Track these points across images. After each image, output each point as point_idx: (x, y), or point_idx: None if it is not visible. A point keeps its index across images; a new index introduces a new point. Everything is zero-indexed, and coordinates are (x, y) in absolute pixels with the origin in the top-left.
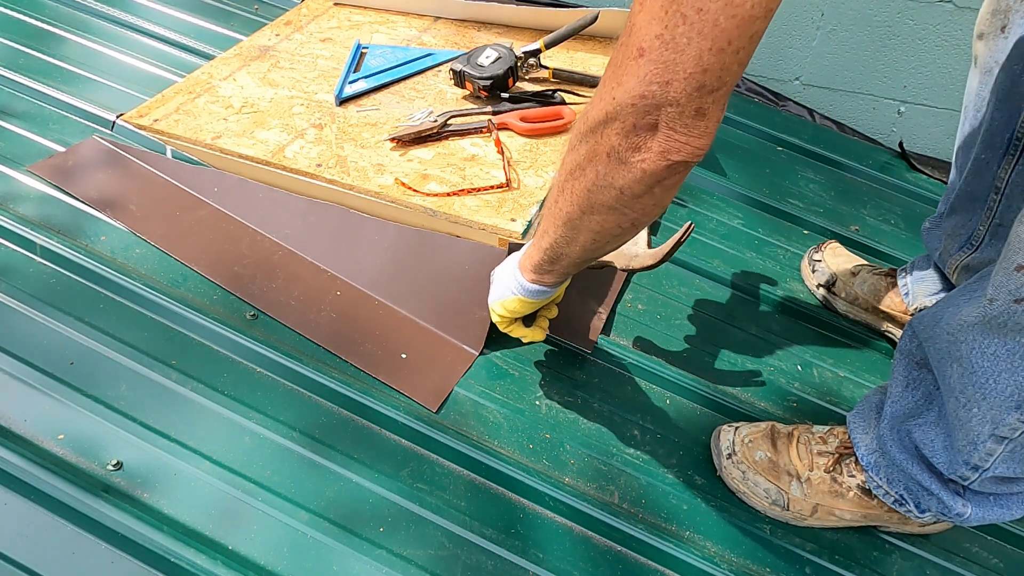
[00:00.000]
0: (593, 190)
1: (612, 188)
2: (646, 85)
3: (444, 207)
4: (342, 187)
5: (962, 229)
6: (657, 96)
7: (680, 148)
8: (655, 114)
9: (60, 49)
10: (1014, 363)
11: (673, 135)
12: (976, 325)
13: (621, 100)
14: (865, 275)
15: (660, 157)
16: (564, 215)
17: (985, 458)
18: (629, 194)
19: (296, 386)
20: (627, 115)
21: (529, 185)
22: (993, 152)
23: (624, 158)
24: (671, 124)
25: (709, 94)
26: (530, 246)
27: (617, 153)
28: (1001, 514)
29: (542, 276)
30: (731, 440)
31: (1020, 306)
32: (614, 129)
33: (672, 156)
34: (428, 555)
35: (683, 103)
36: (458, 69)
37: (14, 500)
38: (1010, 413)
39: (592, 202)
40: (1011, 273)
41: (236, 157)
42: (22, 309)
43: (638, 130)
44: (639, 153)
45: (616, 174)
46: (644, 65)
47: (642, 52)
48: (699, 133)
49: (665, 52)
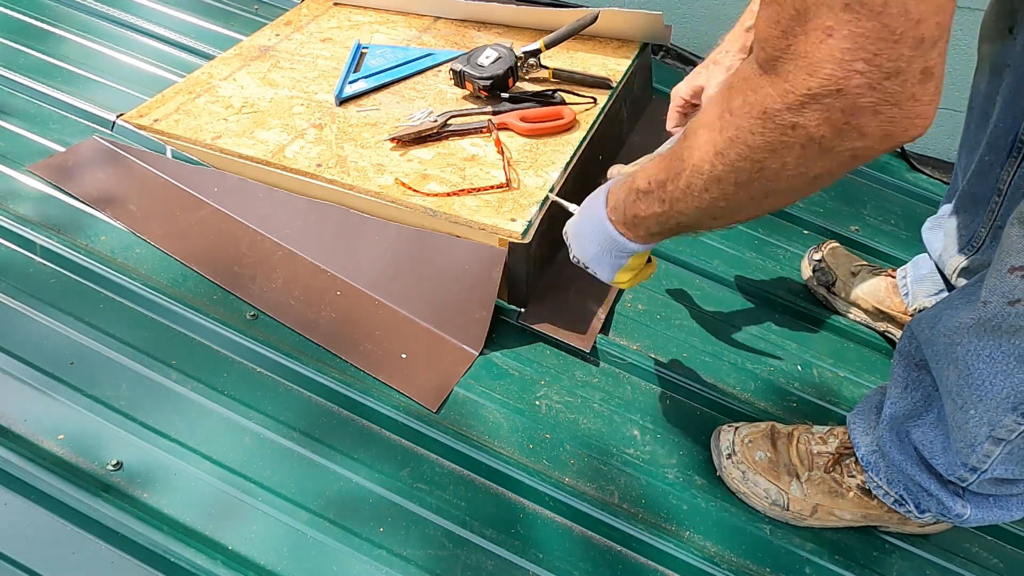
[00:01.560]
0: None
1: (804, 176)
2: (849, 65)
3: (444, 207)
4: (342, 187)
5: (963, 231)
6: (869, 73)
7: (907, 126)
8: (871, 94)
9: (60, 49)
10: (1009, 365)
11: (898, 113)
12: (972, 327)
13: (820, 88)
14: (865, 275)
15: (881, 141)
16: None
17: (983, 460)
18: (826, 177)
19: (296, 386)
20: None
21: (529, 185)
22: (997, 154)
23: (829, 147)
24: (894, 99)
25: (932, 47)
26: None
27: (819, 143)
28: (1001, 515)
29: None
30: (731, 440)
31: (1014, 308)
32: (813, 120)
33: (897, 138)
34: (428, 555)
35: (905, 69)
36: (458, 69)
37: (14, 500)
38: (1007, 415)
39: (770, 189)
40: (1004, 275)
41: (236, 157)
42: (22, 309)
43: (850, 115)
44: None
45: (813, 163)
46: (838, 45)
47: (830, 31)
48: (928, 100)
49: (861, 23)
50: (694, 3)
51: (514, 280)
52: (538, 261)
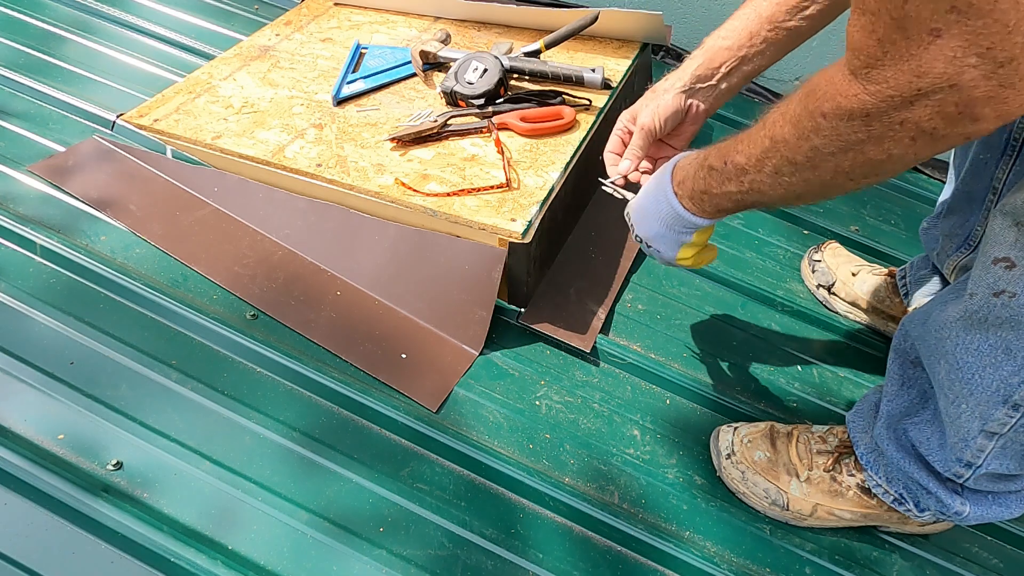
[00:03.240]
0: (879, 166)
1: (913, 160)
2: (961, 62)
3: (444, 207)
4: (342, 187)
5: (959, 229)
6: (982, 67)
7: (1021, 102)
8: (985, 85)
9: (60, 49)
10: (997, 358)
11: (1011, 93)
12: (959, 321)
13: (930, 86)
14: (865, 275)
15: (996, 121)
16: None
17: (977, 454)
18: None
19: (296, 386)
20: (945, 98)
21: (529, 185)
22: (991, 152)
23: (942, 135)
24: (1008, 83)
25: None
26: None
27: (931, 134)
28: (1000, 512)
29: (734, 212)
30: (730, 440)
31: (999, 299)
32: (924, 115)
33: (1013, 115)
34: (428, 555)
35: (1018, 55)
36: (448, 89)
37: (14, 500)
38: (998, 408)
39: (871, 173)
40: (988, 266)
41: (236, 157)
42: (22, 309)
43: (964, 107)
44: (964, 126)
45: (924, 150)
46: (947, 43)
47: (938, 32)
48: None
49: (969, 21)
50: (694, 3)
51: (514, 280)
52: (538, 261)
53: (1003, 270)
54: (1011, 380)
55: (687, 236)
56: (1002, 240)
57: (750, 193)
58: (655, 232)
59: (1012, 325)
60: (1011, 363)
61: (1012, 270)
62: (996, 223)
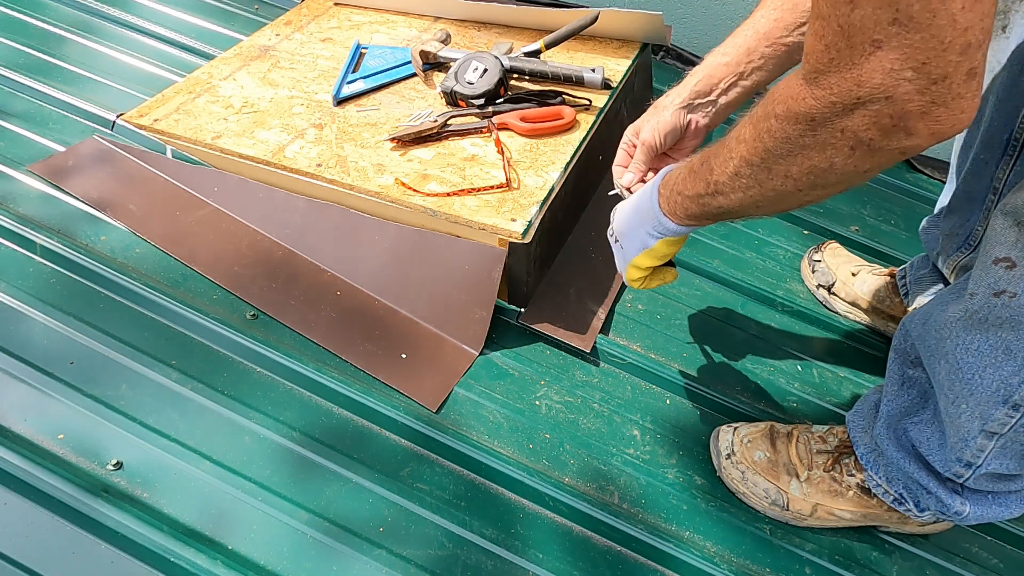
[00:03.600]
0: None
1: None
2: (898, 74)
3: (444, 207)
4: (342, 187)
5: (960, 229)
6: (917, 80)
7: (955, 123)
8: (919, 99)
9: (60, 49)
10: (997, 358)
11: (945, 112)
12: (960, 321)
13: (868, 96)
14: (865, 276)
15: (929, 138)
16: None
17: (977, 454)
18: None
19: (296, 386)
20: (881, 109)
21: (529, 185)
22: (992, 152)
23: (878, 147)
24: (940, 101)
25: (977, 49)
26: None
27: (867, 144)
28: (1000, 512)
29: (699, 222)
30: (730, 440)
31: (1000, 299)
32: (861, 124)
33: (945, 133)
34: (428, 555)
35: (952, 73)
36: (449, 89)
37: (14, 500)
38: (998, 408)
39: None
40: (989, 266)
41: (236, 157)
42: (22, 309)
43: (899, 119)
44: (899, 140)
45: (863, 162)
46: (886, 56)
47: (879, 44)
48: (972, 95)
49: (908, 35)
50: (694, 3)
51: (514, 280)
52: (538, 261)
53: (1004, 270)
54: (1011, 380)
55: (653, 240)
56: (1003, 240)
57: (715, 196)
58: (628, 227)
59: (1012, 325)
60: (1011, 363)
61: (1013, 270)
62: (997, 223)
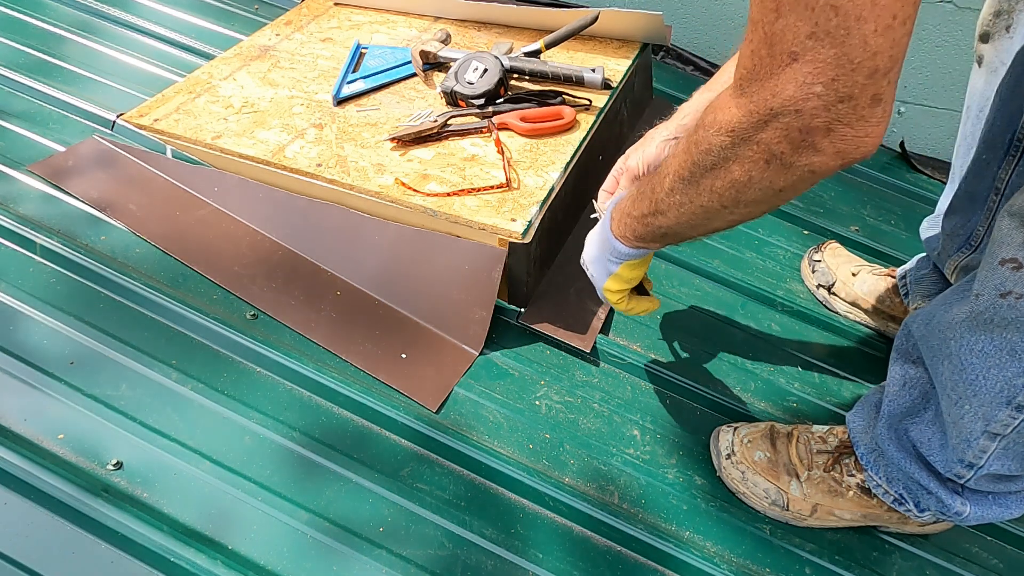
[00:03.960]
0: (743, 190)
1: (770, 188)
2: (808, 88)
3: (444, 207)
4: (342, 187)
5: (961, 229)
6: (825, 96)
7: (858, 145)
8: (825, 116)
9: (61, 49)
10: (1002, 359)
11: (849, 132)
12: (965, 322)
13: (781, 107)
14: (865, 276)
15: (835, 157)
16: (698, 207)
17: (979, 455)
18: (790, 190)
19: (296, 386)
20: (791, 121)
21: (529, 185)
22: (994, 153)
23: (789, 162)
24: (846, 120)
25: (883, 76)
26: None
27: (780, 159)
28: (1000, 513)
29: (648, 244)
30: (730, 440)
31: (1005, 300)
32: (773, 137)
33: (850, 155)
34: (428, 555)
35: (857, 95)
36: (449, 89)
37: (14, 500)
38: (1001, 409)
39: (740, 199)
40: (995, 267)
41: (236, 157)
42: (22, 309)
43: (806, 134)
44: (809, 156)
45: (777, 177)
46: (801, 68)
47: (795, 56)
48: (876, 121)
49: (822, 50)
50: (694, 3)
51: (514, 280)
52: (538, 261)
53: (1010, 271)
54: (1015, 382)
55: (613, 265)
56: (1009, 241)
57: (655, 216)
58: (592, 255)
59: (1018, 326)
60: (1016, 364)
61: (1019, 271)
62: (1004, 224)
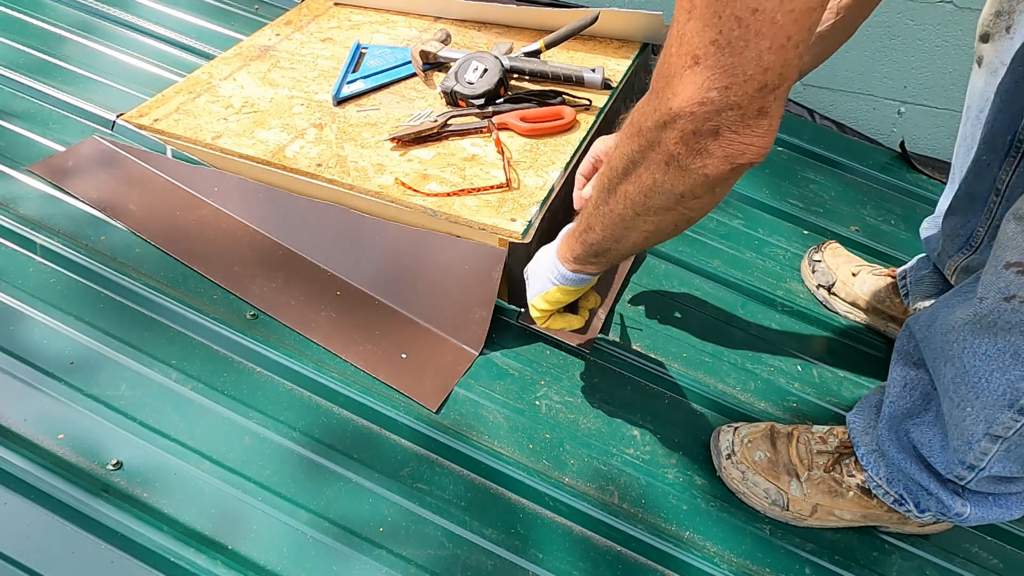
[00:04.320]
0: (650, 194)
1: (672, 193)
2: (704, 92)
3: (444, 207)
4: (342, 187)
5: (961, 230)
6: (717, 102)
7: (744, 151)
8: (715, 120)
9: (61, 49)
10: (1005, 362)
11: (736, 138)
12: (968, 325)
13: (679, 109)
14: (865, 276)
15: (724, 161)
16: (616, 216)
17: (980, 457)
18: (690, 196)
19: (296, 386)
20: (686, 123)
21: (529, 185)
22: (995, 153)
23: (685, 165)
24: (733, 127)
25: (771, 92)
26: (569, 238)
27: (677, 160)
28: (1000, 514)
29: (584, 266)
30: (730, 440)
31: (1010, 304)
32: (672, 138)
33: (737, 160)
34: (428, 555)
35: (745, 105)
36: (449, 89)
37: (14, 500)
38: (1003, 412)
39: (648, 205)
40: (1000, 271)
41: (236, 157)
42: (22, 309)
43: (699, 137)
44: (701, 159)
45: (677, 180)
46: (700, 72)
47: (697, 60)
48: (762, 132)
49: (722, 57)
50: None
51: (514, 280)
52: None
53: (1015, 275)
54: (1019, 385)
55: (550, 284)
56: (1014, 245)
57: (588, 232)
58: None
59: (1022, 330)
60: (1019, 368)
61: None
62: (1009, 228)
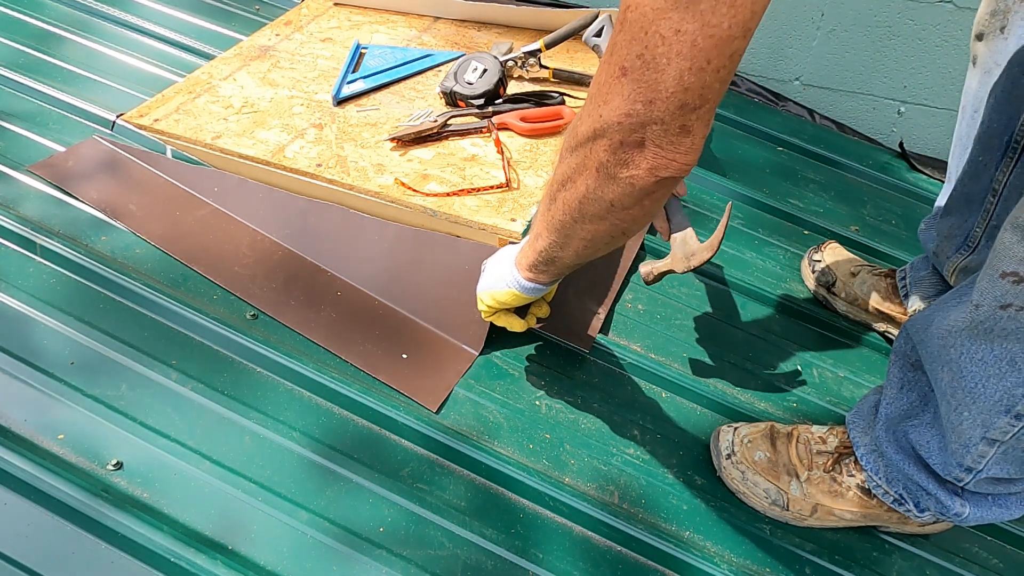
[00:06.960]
0: (584, 201)
1: (603, 200)
2: (630, 104)
3: (444, 207)
4: (342, 187)
5: (958, 231)
6: (642, 115)
7: (667, 164)
8: (641, 132)
9: (61, 49)
10: (1002, 368)
11: (660, 152)
12: (964, 330)
13: (608, 118)
14: (865, 276)
15: (648, 173)
16: (557, 222)
17: (978, 460)
18: (619, 206)
19: (296, 386)
20: (614, 133)
21: (529, 185)
22: (991, 154)
23: (613, 173)
24: (657, 141)
25: (692, 112)
26: (526, 245)
27: (606, 169)
28: (1000, 514)
29: (537, 275)
30: (730, 440)
31: (1006, 312)
32: (602, 146)
33: (660, 172)
34: (428, 555)
35: (667, 121)
36: (448, 89)
37: (14, 500)
38: (1000, 417)
39: (583, 212)
40: (996, 279)
41: (236, 157)
42: (22, 309)
43: (625, 147)
44: (628, 169)
45: (606, 188)
46: (627, 84)
47: (624, 71)
48: (685, 149)
49: (646, 72)
50: None
51: None
52: None
53: (1011, 284)
54: (1015, 391)
55: (502, 284)
56: (1011, 254)
57: (537, 239)
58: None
59: (1018, 338)
60: (1015, 375)
61: (1020, 284)
62: (1005, 236)
